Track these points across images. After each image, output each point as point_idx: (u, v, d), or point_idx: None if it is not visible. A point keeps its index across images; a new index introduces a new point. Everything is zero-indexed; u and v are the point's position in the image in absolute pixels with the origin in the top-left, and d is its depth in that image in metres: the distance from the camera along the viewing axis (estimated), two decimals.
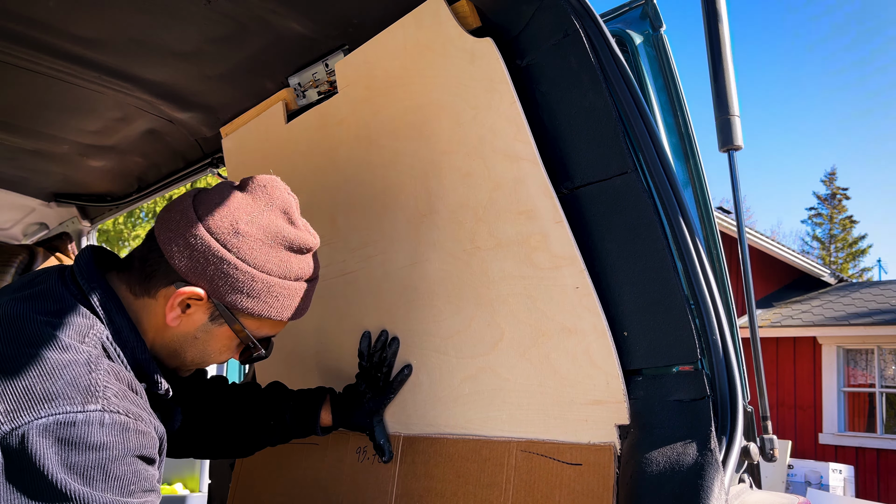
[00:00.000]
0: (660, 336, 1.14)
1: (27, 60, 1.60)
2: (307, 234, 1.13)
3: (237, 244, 1.03)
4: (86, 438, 0.84)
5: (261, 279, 1.05)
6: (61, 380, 0.86)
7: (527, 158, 1.24)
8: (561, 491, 1.18)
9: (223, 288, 1.03)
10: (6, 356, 0.88)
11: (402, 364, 1.50)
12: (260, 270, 1.04)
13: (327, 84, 1.61)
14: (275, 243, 1.06)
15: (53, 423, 0.82)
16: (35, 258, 2.69)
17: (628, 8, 1.41)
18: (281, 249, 1.07)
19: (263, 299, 1.06)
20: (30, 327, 0.92)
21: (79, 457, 0.83)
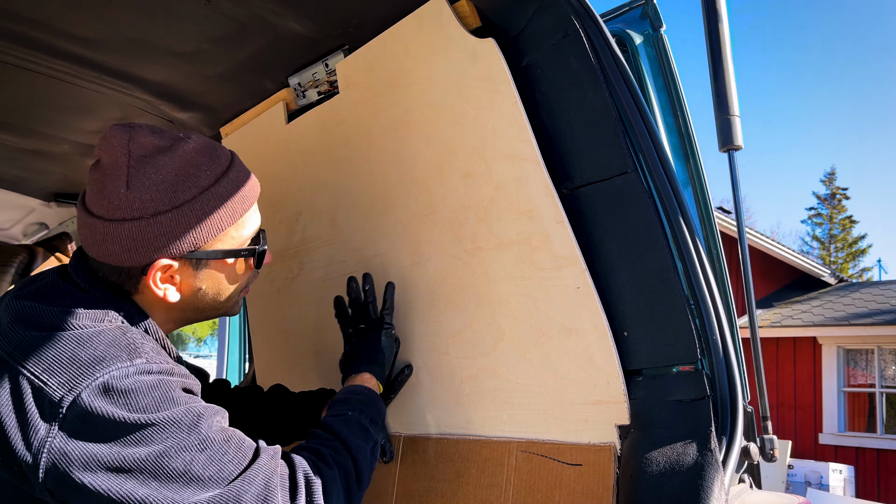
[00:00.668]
0: (660, 336, 1.14)
1: (27, 60, 1.60)
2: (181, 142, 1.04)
3: (139, 206, 0.99)
4: (141, 384, 0.90)
5: (186, 212, 1.01)
6: (102, 344, 0.92)
7: (528, 158, 1.24)
8: (561, 491, 1.18)
9: (176, 244, 1.01)
10: (36, 339, 0.91)
11: (403, 364, 1.50)
12: (177, 208, 1.00)
13: (327, 84, 1.61)
14: (162, 182, 1.00)
15: (109, 380, 0.87)
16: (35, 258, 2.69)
17: (628, 8, 1.41)
18: (176, 181, 1.01)
19: (208, 222, 1.03)
20: (48, 315, 0.95)
21: (140, 398, 0.88)
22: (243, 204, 1.08)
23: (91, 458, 0.85)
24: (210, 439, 0.91)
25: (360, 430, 1.16)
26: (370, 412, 1.22)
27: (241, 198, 1.08)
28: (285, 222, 1.78)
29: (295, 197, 1.74)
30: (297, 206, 1.74)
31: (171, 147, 1.02)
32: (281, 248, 1.80)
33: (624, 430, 1.15)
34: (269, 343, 1.95)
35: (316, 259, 1.71)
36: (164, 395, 0.91)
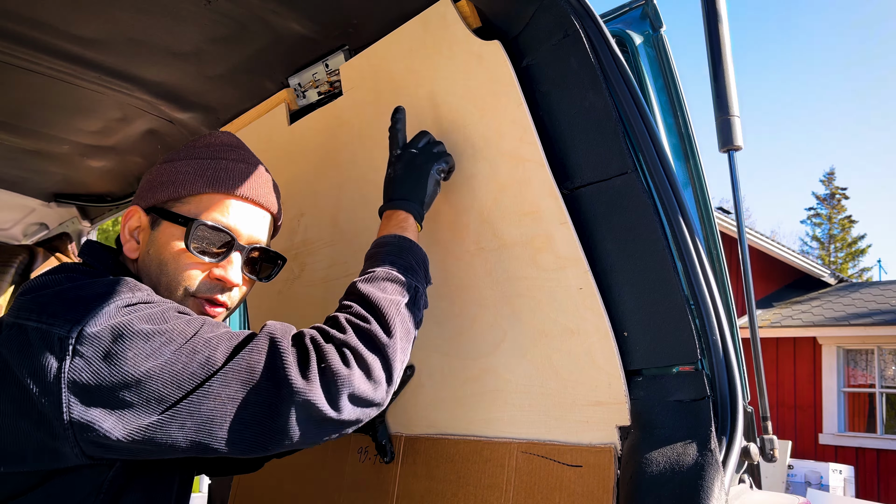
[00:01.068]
0: (660, 336, 1.14)
1: (27, 60, 1.60)
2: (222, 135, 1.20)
3: (161, 162, 1.15)
4: (145, 307, 0.93)
5: (170, 168, 1.12)
6: (104, 285, 0.94)
7: (532, 160, 1.24)
8: (561, 493, 1.18)
9: (145, 194, 1.12)
10: (39, 296, 0.93)
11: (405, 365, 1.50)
12: (167, 162, 1.13)
13: (327, 84, 1.61)
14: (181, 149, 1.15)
15: (114, 308, 0.90)
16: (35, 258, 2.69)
17: (628, 8, 1.41)
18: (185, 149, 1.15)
19: (180, 181, 1.10)
20: (49, 280, 0.98)
21: (146, 317, 0.91)
22: (218, 184, 1.10)
23: (107, 378, 0.85)
24: (217, 335, 0.94)
25: (390, 283, 1.07)
26: (404, 260, 1.12)
27: (219, 179, 1.10)
28: (287, 223, 1.78)
29: (297, 198, 1.74)
30: (299, 208, 1.74)
31: (213, 133, 1.18)
32: (282, 249, 1.80)
33: (624, 430, 1.15)
34: None
35: (317, 260, 1.71)
36: (166, 312, 0.94)
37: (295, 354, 0.92)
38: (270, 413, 0.89)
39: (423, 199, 1.24)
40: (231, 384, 0.89)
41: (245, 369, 0.90)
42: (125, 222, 1.12)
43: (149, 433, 0.86)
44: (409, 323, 1.05)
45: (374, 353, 0.97)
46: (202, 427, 0.87)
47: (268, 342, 0.93)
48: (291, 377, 0.89)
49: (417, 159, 1.26)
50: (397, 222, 1.19)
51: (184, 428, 0.87)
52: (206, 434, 0.87)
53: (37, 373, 0.85)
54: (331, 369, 0.92)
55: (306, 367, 0.91)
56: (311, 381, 0.90)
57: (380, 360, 0.98)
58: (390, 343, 0.99)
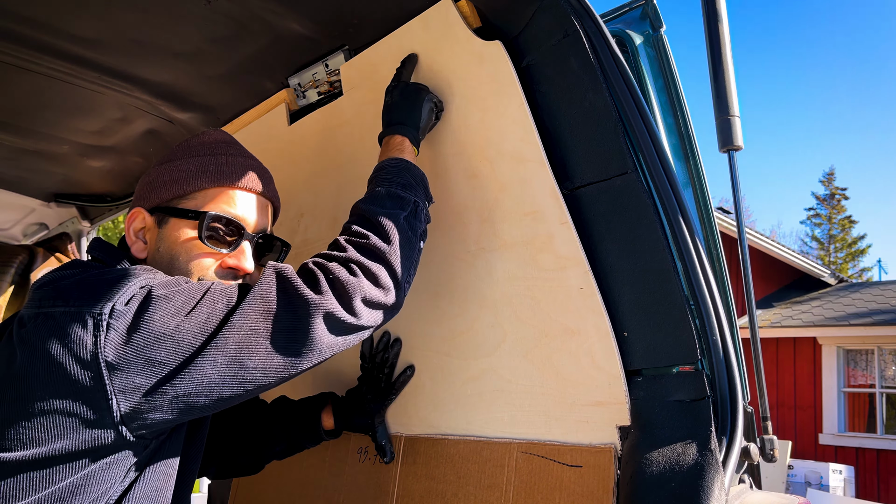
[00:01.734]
0: (660, 336, 1.14)
1: (27, 60, 1.60)
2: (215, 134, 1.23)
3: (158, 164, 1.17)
4: (163, 279, 0.98)
5: (170, 168, 1.15)
6: (122, 270, 0.99)
7: (533, 160, 1.24)
8: (561, 493, 1.18)
9: (148, 195, 1.14)
10: (63, 285, 0.96)
11: (405, 365, 1.50)
12: (167, 163, 1.16)
13: (327, 84, 1.61)
14: (178, 149, 1.19)
15: (139, 287, 0.94)
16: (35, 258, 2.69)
17: (628, 8, 1.41)
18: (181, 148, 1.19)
19: (182, 179, 1.13)
20: (69, 273, 1.00)
21: (169, 280, 0.97)
22: (222, 178, 1.15)
23: (141, 343, 0.89)
24: (230, 286, 1.00)
25: (389, 199, 1.15)
26: (402, 178, 1.19)
27: (222, 173, 1.15)
28: (287, 223, 1.78)
29: (297, 198, 1.74)
30: (300, 208, 1.74)
31: (206, 132, 1.21)
32: None
33: (624, 430, 1.15)
34: None
35: None
36: (180, 279, 1.00)
37: (302, 277, 1.00)
38: (293, 333, 0.96)
39: (418, 125, 1.31)
40: (250, 316, 0.94)
41: (260, 300, 0.96)
42: (129, 224, 1.14)
43: (188, 381, 0.91)
44: (409, 233, 1.13)
45: (378, 262, 1.06)
46: (233, 360, 0.93)
47: (274, 274, 0.99)
48: (305, 295, 0.97)
49: (411, 87, 1.35)
50: (395, 146, 1.26)
51: (216, 364, 0.92)
52: (238, 365, 0.93)
53: (72, 354, 0.87)
54: (339, 280, 1.00)
55: (316, 283, 0.99)
56: (325, 293, 0.98)
57: (384, 268, 1.06)
58: (390, 250, 1.07)
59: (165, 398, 0.90)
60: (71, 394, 0.87)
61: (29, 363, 0.89)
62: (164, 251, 1.11)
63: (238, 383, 0.94)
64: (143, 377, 0.89)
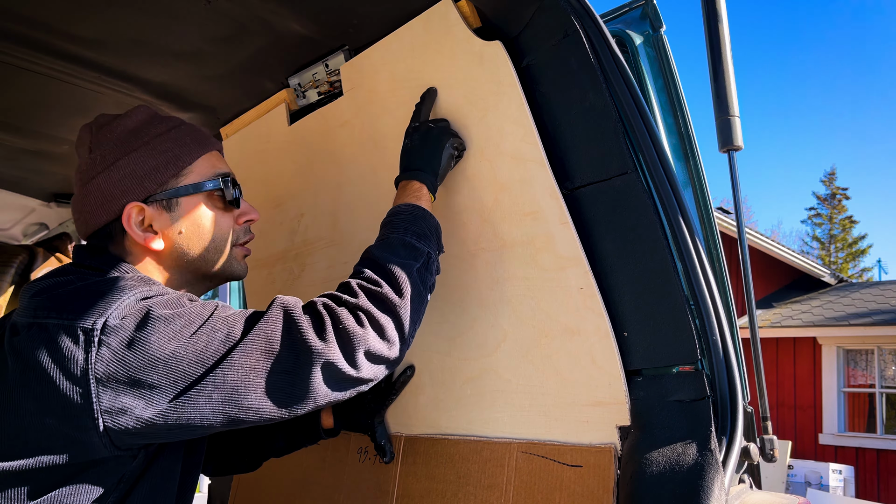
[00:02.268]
0: (660, 336, 1.14)
1: (27, 60, 1.60)
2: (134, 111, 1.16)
3: (101, 160, 1.08)
4: (163, 297, 0.96)
5: (144, 153, 1.09)
6: (120, 281, 0.97)
7: (533, 160, 1.24)
8: (561, 493, 1.18)
9: (138, 185, 1.08)
10: (57, 295, 0.95)
11: (405, 365, 1.50)
12: (135, 152, 1.09)
13: (327, 85, 1.61)
14: (116, 134, 1.11)
15: (134, 299, 0.93)
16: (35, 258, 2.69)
17: (628, 8, 1.41)
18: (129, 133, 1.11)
19: (165, 159, 1.10)
20: (63, 280, 0.99)
21: (167, 297, 0.96)
22: (201, 146, 1.14)
23: (134, 364, 0.88)
24: (233, 314, 0.98)
25: (403, 248, 1.12)
26: (417, 227, 1.16)
27: (197, 141, 1.15)
28: (287, 223, 1.78)
29: (297, 198, 1.74)
30: (300, 208, 1.74)
31: (126, 114, 1.13)
32: (283, 249, 1.80)
33: (624, 430, 1.15)
34: None
35: (318, 260, 1.71)
36: (181, 298, 0.98)
37: (310, 320, 0.97)
38: (292, 377, 0.94)
39: (437, 171, 1.27)
40: (251, 354, 0.92)
41: (263, 339, 0.94)
42: (129, 222, 1.08)
43: (179, 411, 0.89)
44: (420, 286, 1.09)
45: (387, 314, 1.03)
46: (228, 398, 0.91)
47: (282, 312, 0.97)
48: (310, 341, 0.94)
49: (433, 132, 1.30)
50: (412, 192, 1.23)
51: (211, 401, 0.90)
52: (233, 404, 0.91)
53: (63, 367, 0.87)
54: (346, 330, 0.97)
55: (322, 329, 0.96)
56: (329, 342, 0.95)
57: (392, 321, 1.03)
58: (401, 303, 1.04)
59: (152, 424, 0.89)
60: (59, 407, 0.87)
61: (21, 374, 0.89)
62: (190, 230, 1.11)
63: (229, 420, 0.93)
64: (131, 399, 0.88)
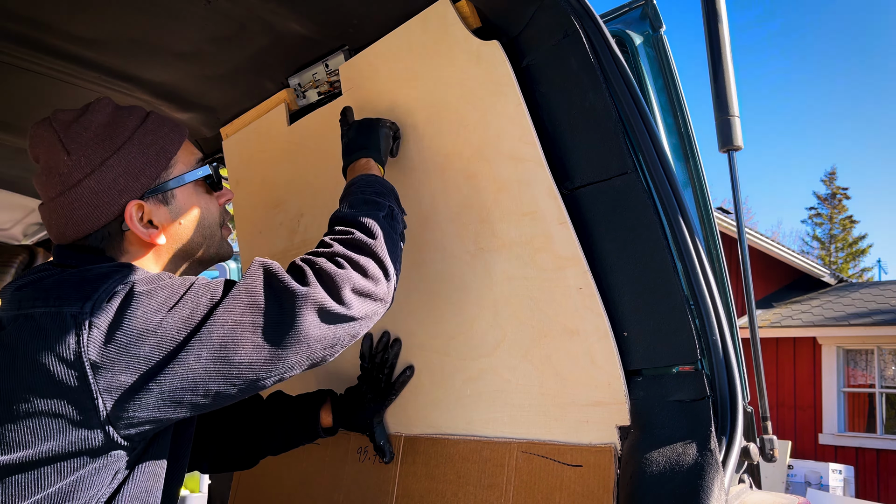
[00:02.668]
0: (660, 336, 1.15)
1: (27, 60, 1.60)
2: (97, 105, 1.14)
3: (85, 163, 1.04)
4: (145, 275, 0.95)
5: (127, 153, 1.07)
6: (103, 268, 0.96)
7: (531, 160, 1.24)
8: (561, 492, 1.18)
9: (135, 181, 1.07)
10: (44, 285, 0.94)
11: (404, 365, 1.50)
12: (122, 146, 1.07)
13: (327, 85, 1.61)
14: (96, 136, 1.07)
15: (121, 284, 0.92)
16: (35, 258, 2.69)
17: (628, 8, 1.41)
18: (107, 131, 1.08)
19: (154, 152, 1.09)
20: (47, 274, 0.99)
21: (151, 276, 0.95)
22: (177, 133, 1.14)
23: (124, 340, 0.87)
24: (215, 280, 0.98)
25: (365, 204, 1.16)
26: (374, 188, 1.21)
27: (171, 128, 1.15)
28: (287, 223, 1.78)
29: (297, 198, 1.74)
30: (299, 208, 1.74)
31: (87, 109, 1.10)
32: (282, 249, 1.80)
33: (624, 430, 1.15)
34: None
35: None
36: (162, 274, 0.98)
37: (289, 272, 0.99)
38: (280, 325, 0.94)
39: (379, 147, 1.33)
40: (234, 309, 0.93)
41: (245, 293, 0.94)
42: (132, 220, 1.06)
43: (171, 377, 0.89)
44: (390, 230, 1.13)
45: (364, 255, 1.05)
46: (217, 354, 0.91)
47: (261, 268, 0.98)
48: (292, 287, 0.95)
49: (364, 122, 1.38)
50: (360, 167, 1.29)
51: (201, 359, 0.90)
52: (223, 360, 0.91)
53: (55, 354, 0.86)
54: (326, 271, 0.99)
55: (303, 276, 0.98)
56: (312, 285, 0.96)
57: (372, 259, 1.05)
58: (376, 244, 1.07)
59: (151, 395, 0.89)
60: (56, 395, 0.86)
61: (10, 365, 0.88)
62: (188, 220, 1.13)
63: (224, 378, 0.92)
64: (127, 375, 0.87)
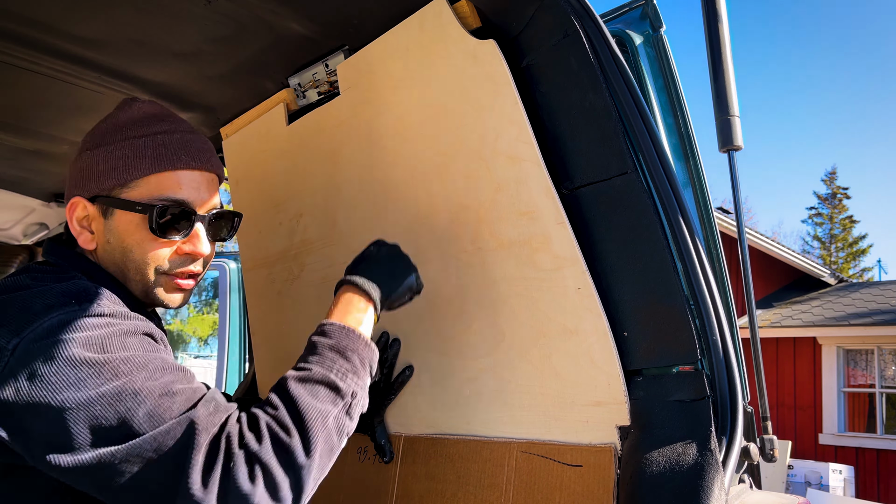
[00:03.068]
0: (660, 336, 1.14)
1: (27, 60, 1.60)
2: (136, 105, 1.13)
3: (81, 150, 1.10)
4: (88, 322, 0.89)
5: (101, 154, 1.07)
6: (54, 295, 0.92)
7: (529, 159, 1.24)
8: (561, 492, 1.18)
9: (87, 183, 1.07)
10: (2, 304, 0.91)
11: (404, 365, 1.50)
12: (96, 148, 1.08)
13: (327, 84, 1.61)
14: (99, 128, 1.11)
15: (56, 322, 0.87)
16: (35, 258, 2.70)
17: (628, 8, 1.41)
18: (111, 128, 1.09)
19: (117, 166, 1.06)
20: (13, 281, 0.97)
21: (88, 333, 0.88)
22: (163, 162, 1.06)
23: (25, 397, 0.83)
24: (147, 389, 0.86)
25: (326, 388, 0.95)
26: (347, 363, 1.00)
27: (161, 156, 1.06)
28: (286, 224, 1.78)
29: (296, 198, 1.74)
30: (298, 208, 1.74)
31: (134, 105, 1.11)
32: (282, 250, 1.80)
33: (624, 430, 1.15)
34: (269, 344, 1.95)
35: (317, 260, 1.71)
36: (110, 338, 0.89)
37: (204, 453, 0.85)
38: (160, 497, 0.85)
39: (391, 294, 1.16)
40: (134, 462, 0.84)
41: (152, 450, 0.85)
42: (71, 215, 1.07)
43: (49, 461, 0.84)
44: (334, 437, 0.94)
45: (287, 472, 0.88)
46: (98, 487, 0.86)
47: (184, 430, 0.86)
48: (191, 480, 0.83)
49: (404, 258, 1.22)
50: (355, 308, 1.10)
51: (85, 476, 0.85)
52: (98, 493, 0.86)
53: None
54: (234, 481, 0.84)
55: (210, 471, 0.84)
56: (209, 490, 0.83)
57: (290, 481, 0.88)
58: (307, 464, 0.89)
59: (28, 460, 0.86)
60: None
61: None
62: (115, 243, 1.06)
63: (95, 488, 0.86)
64: (15, 430, 0.85)
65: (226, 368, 4.70)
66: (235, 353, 4.27)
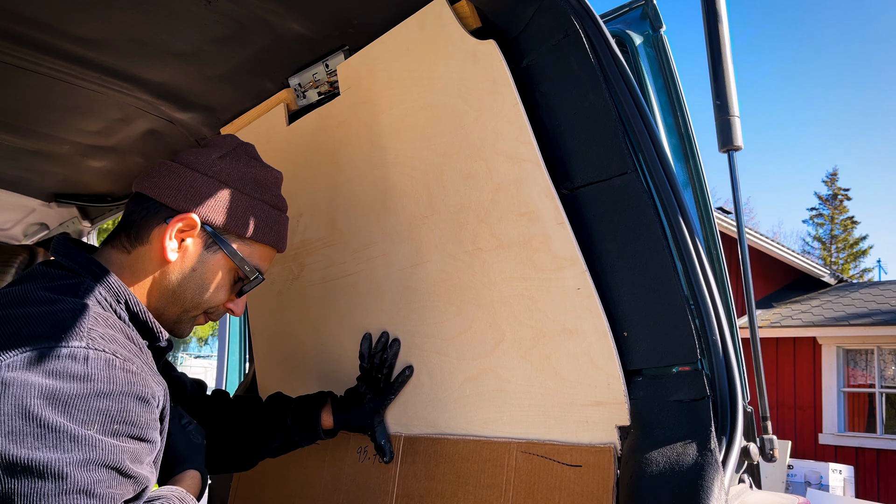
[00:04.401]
0: (660, 336, 1.14)
1: (27, 60, 1.60)
2: (273, 169, 1.23)
3: (218, 171, 1.13)
4: (67, 369, 0.83)
5: (245, 201, 1.14)
6: (46, 324, 0.87)
7: (529, 160, 1.24)
8: (561, 492, 1.18)
9: (213, 212, 1.10)
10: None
11: (404, 365, 1.50)
12: (242, 192, 1.14)
13: (327, 85, 1.61)
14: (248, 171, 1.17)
15: (35, 357, 0.82)
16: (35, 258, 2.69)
17: (628, 8, 1.41)
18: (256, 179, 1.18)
19: (251, 222, 1.14)
20: (20, 291, 0.94)
21: (59, 384, 0.81)
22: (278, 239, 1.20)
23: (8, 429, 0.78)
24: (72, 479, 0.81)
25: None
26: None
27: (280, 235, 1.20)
28: None
29: (295, 198, 1.74)
30: (298, 208, 1.74)
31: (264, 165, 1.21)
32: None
33: (624, 430, 1.15)
34: (269, 344, 1.95)
35: (316, 260, 1.71)
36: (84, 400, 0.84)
37: None
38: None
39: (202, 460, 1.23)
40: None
41: None
42: (176, 223, 1.06)
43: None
44: None
45: None
46: None
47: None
48: None
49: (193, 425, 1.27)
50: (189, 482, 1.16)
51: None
52: None
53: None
54: None
55: None
56: None
57: None
58: None
59: None
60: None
61: None
62: (197, 276, 1.10)
63: None
64: None
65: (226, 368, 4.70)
66: (235, 353, 4.28)
